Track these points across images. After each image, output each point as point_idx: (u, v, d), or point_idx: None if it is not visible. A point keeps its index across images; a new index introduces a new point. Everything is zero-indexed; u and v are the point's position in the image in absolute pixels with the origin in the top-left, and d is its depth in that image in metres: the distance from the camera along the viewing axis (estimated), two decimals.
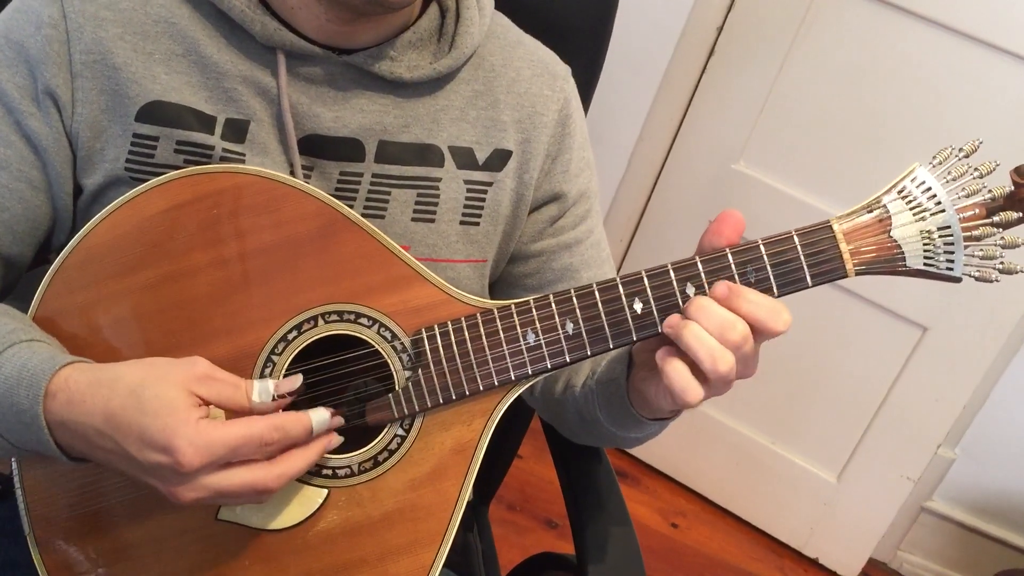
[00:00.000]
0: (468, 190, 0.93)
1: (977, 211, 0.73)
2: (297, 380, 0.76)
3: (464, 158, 0.93)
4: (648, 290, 0.77)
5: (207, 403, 0.72)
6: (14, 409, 0.73)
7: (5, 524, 0.99)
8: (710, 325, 0.73)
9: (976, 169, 0.73)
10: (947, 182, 0.74)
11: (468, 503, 1.35)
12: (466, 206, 0.93)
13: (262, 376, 0.81)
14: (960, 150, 0.73)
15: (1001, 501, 2.26)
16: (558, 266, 1.00)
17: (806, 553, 2.34)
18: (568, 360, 0.79)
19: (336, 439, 0.78)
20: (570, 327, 0.79)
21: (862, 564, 2.31)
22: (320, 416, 0.75)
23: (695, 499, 2.41)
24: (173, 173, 0.81)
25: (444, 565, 1.10)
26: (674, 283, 0.76)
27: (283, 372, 0.81)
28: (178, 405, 0.69)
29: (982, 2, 1.79)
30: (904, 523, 2.33)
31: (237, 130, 0.86)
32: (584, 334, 0.79)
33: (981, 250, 0.74)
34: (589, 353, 0.79)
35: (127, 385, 0.71)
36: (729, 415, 2.32)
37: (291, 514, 0.81)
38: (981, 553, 2.30)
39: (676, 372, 0.74)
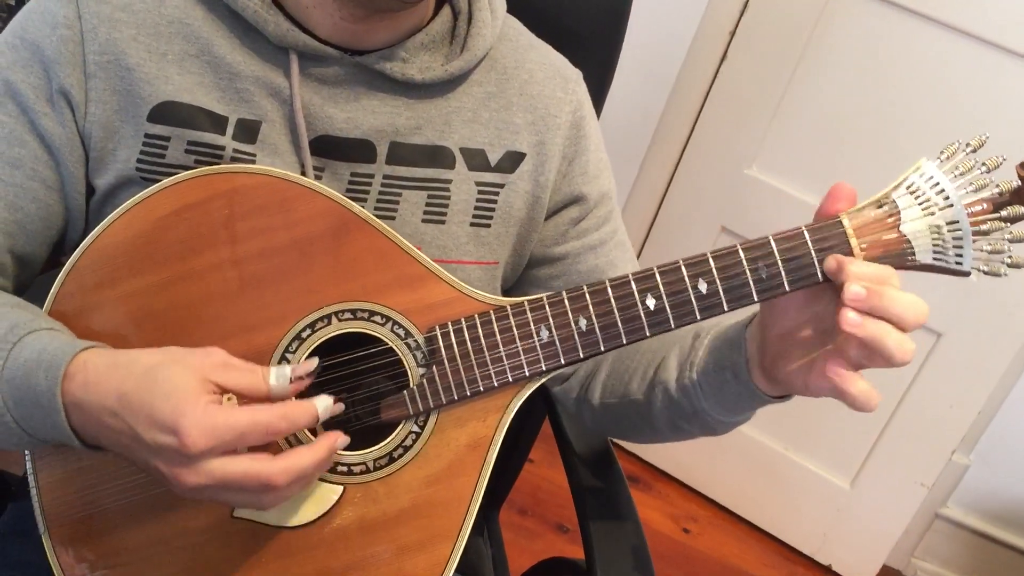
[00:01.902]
0: (479, 192, 0.93)
1: (985, 206, 0.74)
2: (313, 363, 0.76)
3: (476, 160, 0.93)
4: (660, 286, 0.77)
5: (224, 390, 0.72)
6: (32, 392, 0.73)
7: (18, 524, 1.01)
8: (908, 317, 0.71)
9: (983, 164, 0.74)
10: (955, 177, 0.74)
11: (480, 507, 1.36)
12: (477, 208, 0.93)
13: None
14: (967, 145, 0.74)
15: (1016, 508, 2.24)
16: (584, 268, 1.00)
17: (819, 560, 2.33)
18: (582, 356, 0.80)
19: (343, 438, 0.78)
20: (583, 323, 0.79)
21: (876, 571, 2.30)
22: (324, 403, 0.75)
23: (708, 504, 2.41)
24: (185, 173, 0.81)
25: (456, 570, 1.10)
26: (686, 279, 0.77)
27: None
28: (189, 388, 0.69)
29: (995, 5, 1.79)
30: (918, 530, 2.32)
31: (248, 131, 0.87)
32: (597, 330, 0.79)
33: (989, 244, 0.74)
34: (603, 349, 0.79)
35: (143, 367, 0.71)
36: None
37: (307, 511, 0.81)
38: (996, 560, 2.29)
39: (861, 392, 0.73)
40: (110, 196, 0.87)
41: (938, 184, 0.74)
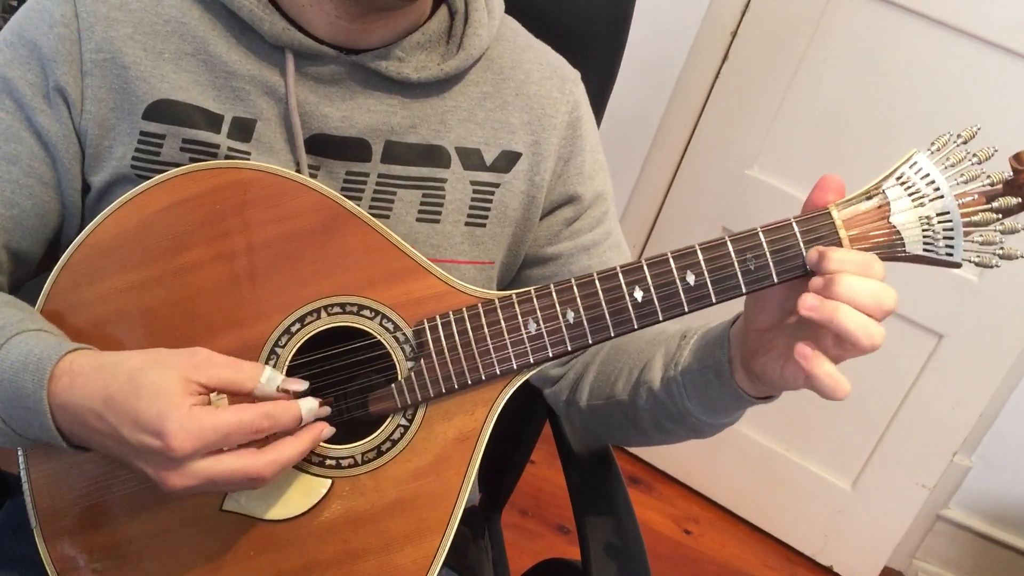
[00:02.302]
0: (474, 191, 0.93)
1: (976, 197, 0.73)
2: (303, 385, 0.77)
3: (471, 159, 0.93)
4: (648, 278, 0.77)
5: (209, 389, 0.72)
6: (19, 394, 0.73)
7: (14, 519, 1.01)
8: (863, 300, 0.70)
9: (975, 155, 0.73)
10: (945, 168, 0.74)
11: (480, 509, 1.35)
12: (471, 207, 0.93)
13: None
14: (958, 136, 0.73)
15: (1018, 509, 2.24)
16: (577, 269, 0.99)
17: (820, 561, 2.32)
18: (570, 348, 0.80)
19: (328, 429, 0.78)
20: (571, 316, 0.79)
21: (877, 572, 2.29)
22: (309, 405, 0.76)
23: (708, 506, 2.40)
24: (176, 170, 0.81)
25: (455, 572, 1.10)
26: (674, 271, 0.77)
27: (287, 364, 0.81)
28: (173, 391, 0.70)
29: (997, 6, 1.79)
30: (920, 531, 2.32)
31: (243, 129, 0.87)
32: (585, 322, 0.79)
33: (981, 236, 0.73)
34: (590, 341, 0.79)
35: (127, 370, 0.72)
36: (743, 422, 2.30)
37: (295, 504, 0.81)
38: (998, 562, 2.28)
39: (826, 375, 0.72)
40: (105, 193, 0.88)
41: (928, 175, 0.74)
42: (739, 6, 2.01)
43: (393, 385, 0.81)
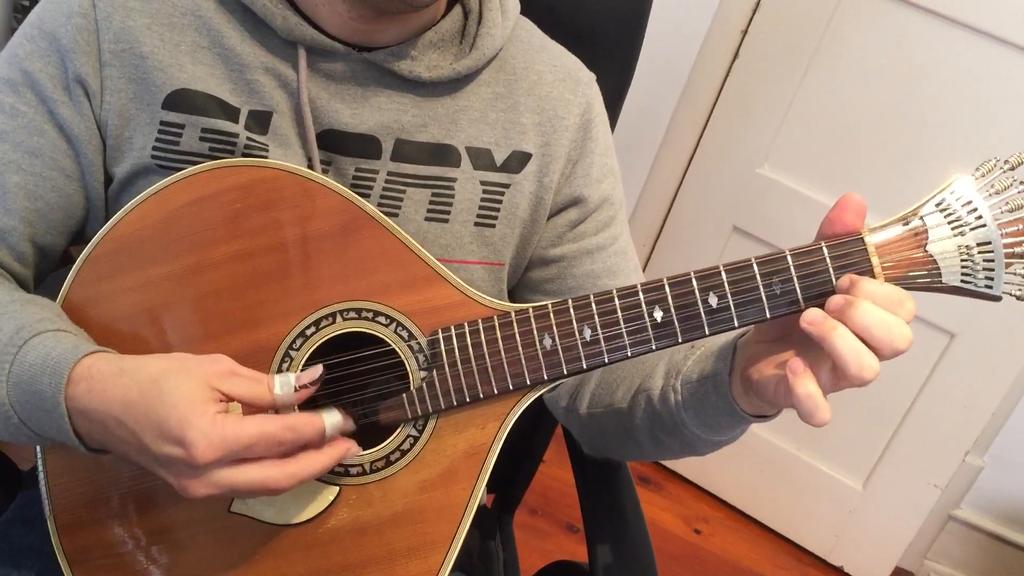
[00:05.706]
0: (484, 191, 0.93)
1: (1021, 227, 0.69)
2: (317, 371, 0.75)
3: (481, 159, 0.92)
4: (669, 298, 0.74)
5: (229, 399, 0.71)
6: (37, 397, 0.73)
7: (25, 511, 1.02)
8: (876, 331, 0.67)
9: (1022, 183, 0.69)
10: (989, 195, 0.69)
11: (492, 510, 1.35)
12: (481, 207, 0.93)
13: (279, 371, 0.81)
14: (1005, 162, 0.69)
15: None
16: (579, 272, 0.98)
17: (831, 561, 2.32)
18: (585, 367, 0.78)
19: (355, 449, 0.77)
20: (588, 333, 0.77)
21: (888, 573, 2.29)
22: (333, 419, 0.74)
23: (719, 505, 2.40)
24: (200, 166, 0.81)
25: (464, 573, 1.10)
26: (696, 292, 0.74)
27: (300, 368, 0.81)
28: (196, 398, 0.69)
29: (1011, 4, 1.77)
30: (931, 531, 2.31)
31: (261, 121, 0.87)
32: (602, 341, 0.76)
33: (1023, 268, 0.70)
34: (607, 360, 0.77)
35: (149, 375, 0.71)
36: None
37: (303, 510, 0.81)
38: (1010, 562, 2.28)
39: (806, 395, 0.69)
40: (127, 185, 0.88)
41: (971, 202, 0.69)
42: (750, 4, 2.00)
43: (404, 395, 0.80)
